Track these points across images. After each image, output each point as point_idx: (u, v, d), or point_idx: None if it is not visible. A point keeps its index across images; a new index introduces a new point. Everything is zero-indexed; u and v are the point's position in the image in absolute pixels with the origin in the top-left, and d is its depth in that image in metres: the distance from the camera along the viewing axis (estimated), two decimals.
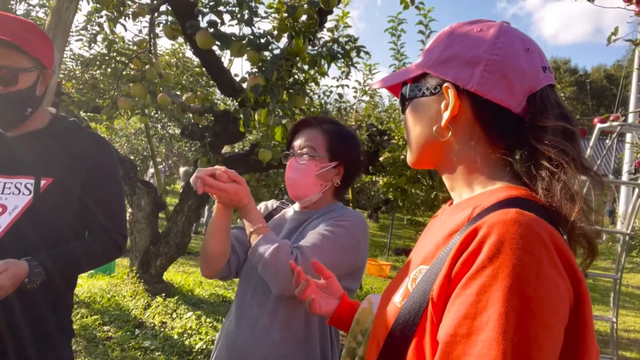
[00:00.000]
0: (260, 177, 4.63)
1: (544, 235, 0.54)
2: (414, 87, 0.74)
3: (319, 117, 1.45)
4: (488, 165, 0.70)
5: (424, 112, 0.73)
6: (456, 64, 0.69)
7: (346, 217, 1.30)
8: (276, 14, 2.51)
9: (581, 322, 0.55)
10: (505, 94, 0.66)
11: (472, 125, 0.69)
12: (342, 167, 1.36)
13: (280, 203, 1.55)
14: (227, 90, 2.94)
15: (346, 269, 1.26)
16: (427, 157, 0.76)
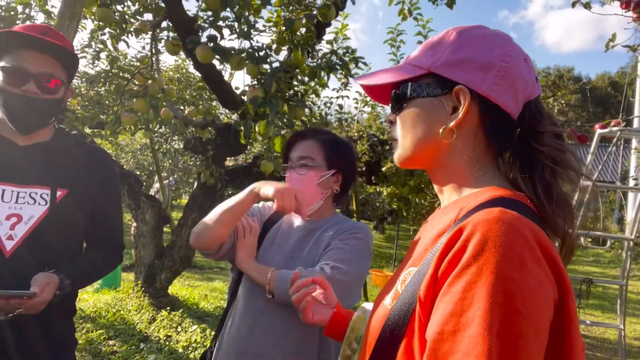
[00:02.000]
0: None
1: (526, 233, 0.56)
2: (417, 86, 0.73)
3: (313, 128, 1.50)
4: (480, 168, 0.71)
5: (427, 112, 0.72)
6: (469, 67, 0.69)
7: (359, 230, 1.38)
8: (274, 28, 2.55)
9: (566, 317, 0.55)
10: (511, 100, 0.68)
11: (476, 128, 0.70)
12: (340, 174, 1.40)
13: None
14: (228, 103, 2.97)
15: (362, 277, 1.33)
16: (422, 158, 0.76)
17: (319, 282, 1.02)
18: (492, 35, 0.71)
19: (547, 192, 0.65)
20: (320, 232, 1.39)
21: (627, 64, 19.64)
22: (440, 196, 0.78)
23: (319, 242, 1.37)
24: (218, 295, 5.08)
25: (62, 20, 1.69)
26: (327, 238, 1.36)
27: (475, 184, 0.70)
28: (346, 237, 1.33)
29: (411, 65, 0.75)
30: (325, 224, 1.41)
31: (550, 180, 0.65)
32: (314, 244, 1.37)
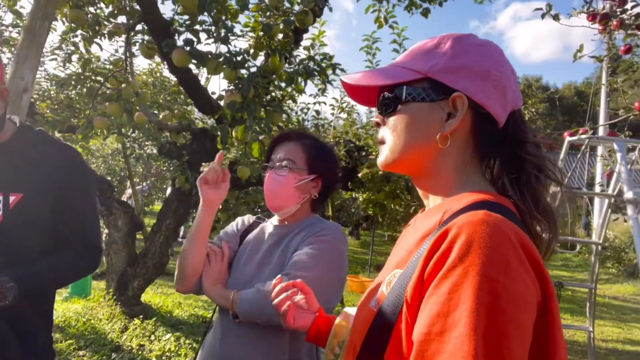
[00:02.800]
0: (239, 195, 4.61)
1: (511, 235, 0.57)
2: (413, 90, 0.72)
3: (298, 131, 1.49)
4: (466, 173, 0.72)
5: (422, 117, 0.72)
6: (467, 75, 0.70)
7: (326, 231, 1.33)
8: (252, 33, 2.55)
9: (549, 317, 0.56)
10: (501, 110, 0.70)
11: (468, 135, 0.71)
12: (320, 180, 1.40)
13: (257, 218, 1.55)
14: (205, 108, 2.94)
15: (335, 283, 1.29)
16: (409, 163, 0.76)
17: (300, 286, 1.01)
18: (486, 44, 0.73)
19: (534, 198, 0.67)
20: (291, 236, 1.38)
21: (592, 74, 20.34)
22: (425, 201, 0.78)
23: (289, 248, 1.35)
24: (192, 302, 4.99)
25: (34, 21, 1.64)
26: (296, 243, 1.35)
27: (461, 188, 0.71)
28: (312, 240, 1.31)
29: (403, 68, 0.74)
30: (297, 228, 1.39)
31: (536, 187, 0.67)
32: (284, 249, 1.36)
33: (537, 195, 0.68)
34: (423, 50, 0.73)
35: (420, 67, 0.72)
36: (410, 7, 3.03)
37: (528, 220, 0.67)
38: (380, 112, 0.77)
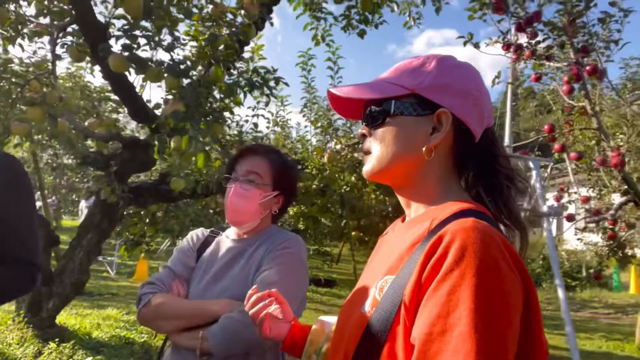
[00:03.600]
0: (168, 208, 4.43)
1: (498, 240, 0.62)
2: (401, 104, 0.77)
3: (266, 145, 1.50)
4: (448, 185, 0.78)
5: (409, 130, 0.77)
6: (451, 93, 0.76)
7: (290, 243, 1.34)
8: (194, 42, 2.50)
9: (533, 314, 0.63)
10: (479, 126, 0.77)
11: (449, 149, 0.77)
12: (282, 196, 1.40)
13: (211, 232, 1.52)
14: (139, 116, 2.82)
15: (302, 294, 1.30)
16: (395, 173, 0.80)
17: (275, 296, 1.01)
18: (465, 66, 0.80)
19: (507, 207, 0.74)
20: (252, 249, 1.37)
21: (497, 100, 22.20)
22: (407, 210, 0.83)
23: (252, 260, 1.34)
24: (113, 323, 4.67)
25: None
26: (259, 257, 1.34)
27: (442, 198, 0.77)
28: (276, 254, 1.31)
29: (390, 84, 0.79)
30: (258, 240, 1.39)
31: (508, 196, 0.75)
32: (246, 262, 1.34)
33: (510, 205, 0.75)
34: (409, 68, 0.79)
35: (407, 83, 0.77)
36: (348, 28, 3.15)
37: (502, 227, 0.74)
38: (367, 123, 0.81)
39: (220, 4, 2.58)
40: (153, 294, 1.31)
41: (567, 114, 3.73)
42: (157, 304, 1.29)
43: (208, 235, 1.50)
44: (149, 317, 1.30)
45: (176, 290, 1.36)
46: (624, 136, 4.40)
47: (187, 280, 1.39)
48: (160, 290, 1.34)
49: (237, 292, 1.28)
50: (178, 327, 1.27)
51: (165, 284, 1.36)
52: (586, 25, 3.10)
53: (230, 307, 1.23)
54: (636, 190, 3.43)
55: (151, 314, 1.29)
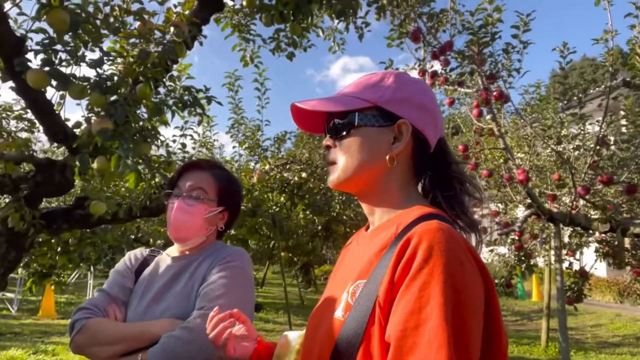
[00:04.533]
0: (83, 235, 4.12)
1: (460, 240, 0.69)
2: (364, 116, 0.82)
3: (208, 160, 1.48)
4: (407, 191, 0.84)
5: (372, 140, 0.82)
6: (410, 106, 0.82)
7: (234, 257, 1.33)
8: (121, 59, 2.42)
9: (492, 308, 0.69)
10: (433, 136, 0.84)
11: (409, 157, 0.84)
12: (227, 212, 1.39)
13: (151, 251, 1.47)
14: (58, 136, 2.63)
15: (249, 308, 1.28)
16: (359, 181, 0.84)
17: (237, 316, 1.00)
18: (419, 82, 0.88)
19: (462, 211, 0.81)
20: (195, 265, 1.34)
21: None
22: (371, 218, 0.88)
23: (195, 276, 1.31)
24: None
25: None
26: (203, 272, 1.32)
27: (404, 204, 0.83)
28: (221, 268, 1.29)
29: (353, 97, 0.84)
30: (201, 256, 1.36)
31: (462, 200, 0.82)
32: (189, 279, 1.31)
33: (464, 208, 0.83)
34: (370, 83, 0.86)
35: (369, 97, 0.84)
36: (277, 50, 3.21)
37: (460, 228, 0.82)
38: (332, 135, 0.87)
39: (148, 21, 2.52)
40: (87, 319, 1.24)
41: (478, 135, 4.07)
42: (93, 330, 1.22)
43: (147, 255, 1.45)
44: (84, 343, 1.22)
45: (113, 314, 1.29)
46: (525, 155, 4.88)
47: (124, 303, 1.33)
48: (95, 315, 1.26)
49: (179, 311, 1.24)
50: (116, 352, 1.21)
51: (101, 308, 1.28)
52: (492, 54, 3.43)
53: (171, 326, 1.20)
54: (538, 203, 3.80)
55: (86, 341, 1.21)
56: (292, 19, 2.84)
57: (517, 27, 3.39)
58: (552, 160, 4.75)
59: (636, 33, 3.10)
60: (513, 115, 5.75)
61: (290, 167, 4.54)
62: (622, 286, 11.79)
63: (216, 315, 0.98)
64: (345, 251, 0.96)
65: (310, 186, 4.44)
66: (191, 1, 2.96)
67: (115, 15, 2.30)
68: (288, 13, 2.77)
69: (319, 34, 3.56)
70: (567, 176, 3.92)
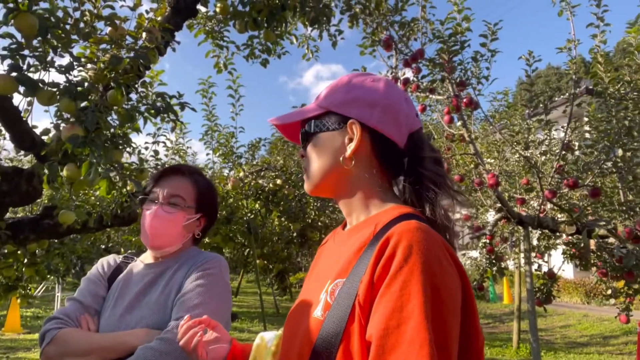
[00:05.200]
0: (51, 245, 4.00)
1: (438, 239, 0.70)
2: (318, 123, 0.84)
3: (189, 166, 1.46)
4: (381, 190, 0.85)
5: (328, 144, 0.84)
6: (358, 105, 0.82)
7: (210, 264, 1.31)
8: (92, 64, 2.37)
9: (469, 305, 0.71)
10: (396, 131, 0.83)
11: (370, 156, 0.84)
12: (204, 218, 1.38)
13: (124, 258, 1.44)
14: (25, 143, 2.56)
15: (226, 314, 1.27)
16: (328, 185, 0.86)
17: (206, 322, 1.00)
18: (377, 79, 0.88)
19: (432, 210, 0.82)
20: (171, 272, 1.32)
21: None
22: (349, 218, 0.88)
23: (171, 284, 1.29)
24: None
25: None
26: (180, 279, 1.30)
27: (379, 205, 0.84)
28: (197, 276, 1.27)
29: (314, 106, 0.87)
30: (176, 263, 1.34)
31: (433, 199, 0.83)
32: (165, 286, 1.29)
33: (434, 206, 0.83)
34: (329, 89, 0.88)
35: (323, 103, 0.86)
36: (251, 57, 3.21)
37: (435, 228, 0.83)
38: (302, 145, 0.89)
39: (120, 26, 2.49)
40: (59, 329, 1.20)
41: (449, 141, 4.16)
42: (64, 340, 1.18)
43: (121, 261, 1.42)
44: (55, 355, 1.18)
45: (85, 324, 1.25)
46: (494, 160, 5.01)
47: (97, 312, 1.29)
48: (67, 325, 1.22)
49: (154, 320, 1.22)
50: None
51: (72, 318, 1.25)
52: (462, 62, 3.53)
53: (147, 336, 1.17)
54: (508, 207, 3.90)
55: (57, 352, 1.18)
56: (266, 26, 2.85)
57: (485, 36, 3.49)
58: (520, 165, 4.89)
59: (597, 42, 3.23)
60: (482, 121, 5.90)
61: (264, 174, 4.53)
62: (589, 287, 12.16)
63: (185, 323, 0.97)
64: (322, 250, 0.96)
65: (285, 193, 4.43)
66: (164, 7, 2.94)
67: (85, 20, 2.26)
68: (262, 20, 2.78)
69: (292, 41, 3.58)
70: (534, 180, 4.04)
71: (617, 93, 3.26)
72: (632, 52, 3.24)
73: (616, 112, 3.25)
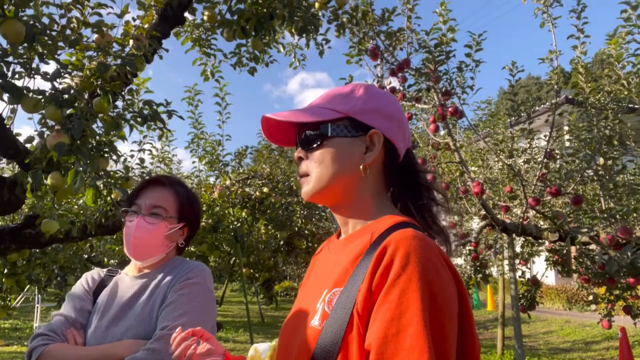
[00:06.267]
0: (32, 255, 3.92)
1: (434, 247, 0.71)
2: (337, 127, 0.83)
3: (167, 176, 1.46)
4: (379, 200, 0.86)
5: (345, 150, 0.83)
6: (379, 116, 0.83)
7: (194, 273, 1.31)
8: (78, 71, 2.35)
9: (465, 312, 0.71)
10: (402, 146, 0.85)
11: (380, 167, 0.85)
12: (187, 228, 1.38)
13: (108, 272, 1.43)
14: (9, 151, 2.51)
15: (211, 323, 1.27)
16: (334, 191, 0.85)
17: (200, 333, 0.99)
18: (385, 93, 0.89)
19: (431, 218, 0.83)
20: (155, 282, 1.32)
21: None
22: (344, 228, 0.88)
23: (156, 296, 1.29)
24: None
25: None
26: (164, 289, 1.30)
27: (377, 213, 0.84)
28: (181, 286, 1.28)
29: (324, 109, 0.85)
30: (160, 273, 1.34)
31: (430, 208, 0.85)
32: (149, 297, 1.29)
33: (434, 217, 0.85)
34: (341, 94, 0.87)
35: (340, 108, 0.85)
36: (238, 65, 3.21)
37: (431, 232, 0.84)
38: (304, 147, 0.87)
39: (107, 33, 2.47)
40: (45, 345, 1.18)
41: (434, 149, 4.21)
42: (52, 356, 1.16)
43: (105, 275, 1.40)
44: None
45: (72, 338, 1.24)
46: (479, 168, 5.08)
47: (84, 327, 1.28)
48: (53, 341, 1.21)
49: (141, 330, 1.21)
50: None
51: (59, 333, 1.23)
52: (447, 72, 3.58)
53: (134, 347, 1.17)
54: (492, 215, 3.95)
55: None
56: (254, 34, 2.86)
57: (470, 46, 3.56)
58: (504, 173, 4.97)
59: (578, 53, 3.32)
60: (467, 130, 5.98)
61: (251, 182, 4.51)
62: (570, 293, 12.34)
63: (179, 334, 0.96)
64: (316, 259, 0.96)
65: (272, 201, 4.42)
66: (150, 15, 2.92)
67: (72, 27, 2.24)
68: (250, 28, 2.79)
69: (279, 49, 3.59)
70: (518, 188, 4.10)
71: (597, 103, 3.34)
72: (611, 63, 3.33)
73: (597, 122, 3.33)
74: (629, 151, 3.83)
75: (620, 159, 3.59)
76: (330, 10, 3.21)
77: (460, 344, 0.68)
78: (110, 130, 2.67)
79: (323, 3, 3.05)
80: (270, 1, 2.68)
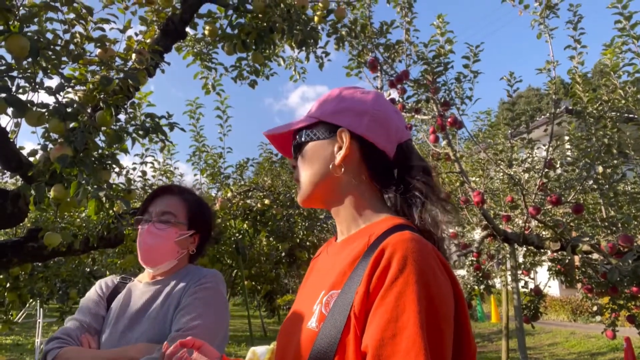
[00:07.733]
0: (35, 269, 3.93)
1: (431, 249, 0.72)
2: (309, 132, 0.86)
3: (179, 186, 1.50)
4: (372, 200, 0.86)
5: (319, 153, 0.85)
6: (349, 114, 0.85)
7: (208, 278, 1.33)
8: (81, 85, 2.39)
9: (461, 315, 0.72)
10: (384, 140, 0.85)
11: (360, 164, 0.86)
12: (198, 235, 1.40)
13: (122, 279, 1.45)
14: (12, 164, 2.54)
15: (224, 328, 1.28)
16: (319, 194, 0.87)
17: (190, 343, 0.98)
18: (367, 92, 0.90)
19: (420, 218, 0.83)
20: (169, 288, 1.34)
21: None
22: (340, 228, 0.90)
23: (170, 300, 1.31)
24: None
25: None
26: (178, 294, 1.31)
27: (371, 216, 0.85)
28: (194, 290, 1.30)
29: (305, 117, 0.89)
30: (174, 279, 1.36)
31: (421, 209, 0.84)
32: (163, 302, 1.31)
33: (423, 216, 0.84)
34: (321, 101, 0.90)
35: (315, 113, 0.88)
36: (239, 78, 3.25)
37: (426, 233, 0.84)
38: (293, 155, 0.90)
39: (109, 48, 2.52)
40: (60, 348, 1.20)
41: (434, 160, 4.22)
42: (67, 358, 1.18)
43: (118, 282, 1.43)
44: None
45: (86, 343, 1.26)
46: (479, 179, 5.09)
47: (98, 332, 1.30)
48: (68, 344, 1.22)
49: (155, 334, 1.23)
50: None
51: (74, 337, 1.25)
52: (446, 83, 3.61)
53: (148, 350, 1.18)
54: (494, 225, 3.95)
55: None
56: (254, 48, 2.90)
57: (468, 57, 3.60)
58: (504, 183, 4.97)
59: (575, 64, 3.35)
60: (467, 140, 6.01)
61: (252, 194, 4.53)
62: (575, 305, 12.24)
63: (167, 349, 0.95)
64: (315, 262, 0.97)
65: (274, 212, 4.43)
66: (152, 30, 2.97)
67: (76, 42, 2.28)
68: (250, 42, 2.83)
69: (280, 62, 3.64)
70: (519, 198, 4.11)
71: (595, 112, 3.37)
72: (608, 73, 3.36)
73: (595, 131, 3.35)
74: (629, 160, 3.85)
75: (620, 167, 3.60)
76: (329, 23, 3.26)
77: (457, 346, 0.69)
78: (113, 143, 2.70)
79: (322, 17, 3.10)
80: (270, 15, 2.73)
